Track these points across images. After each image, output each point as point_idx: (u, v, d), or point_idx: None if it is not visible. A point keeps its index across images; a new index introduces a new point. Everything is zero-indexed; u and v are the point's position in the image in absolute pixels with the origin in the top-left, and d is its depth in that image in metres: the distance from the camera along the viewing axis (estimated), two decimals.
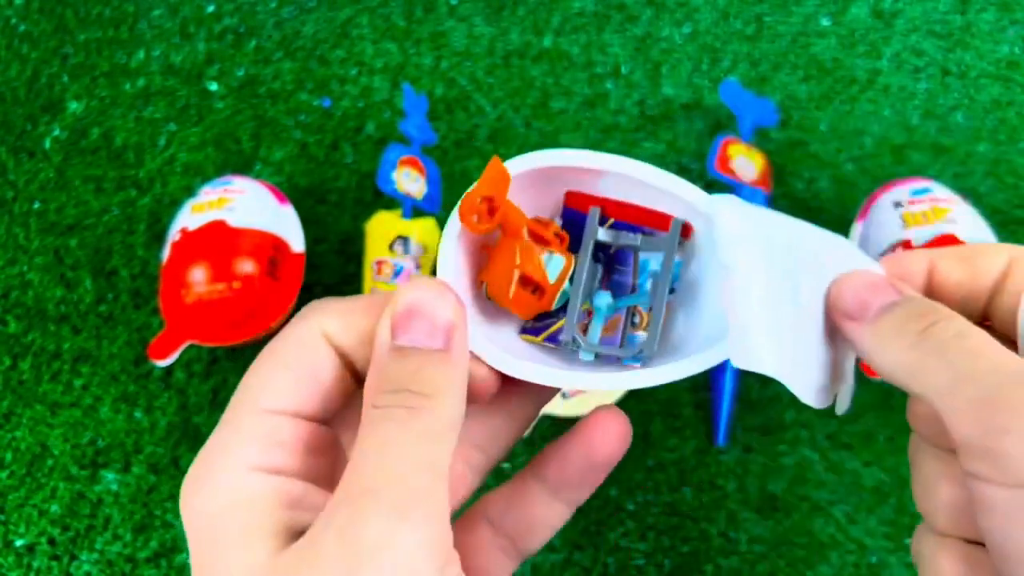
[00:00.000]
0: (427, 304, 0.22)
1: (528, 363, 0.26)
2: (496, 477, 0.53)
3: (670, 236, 0.28)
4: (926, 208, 0.51)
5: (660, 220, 0.29)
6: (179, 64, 0.67)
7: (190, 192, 0.61)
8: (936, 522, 0.24)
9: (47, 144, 0.64)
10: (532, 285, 0.28)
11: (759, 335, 0.25)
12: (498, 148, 0.62)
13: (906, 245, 0.49)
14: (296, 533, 0.21)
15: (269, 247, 0.53)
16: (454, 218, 0.27)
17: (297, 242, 0.55)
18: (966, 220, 0.50)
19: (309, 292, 0.58)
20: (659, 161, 0.61)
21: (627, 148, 0.61)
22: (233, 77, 0.66)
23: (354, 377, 0.24)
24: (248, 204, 0.54)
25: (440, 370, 0.22)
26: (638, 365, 0.28)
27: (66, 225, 0.61)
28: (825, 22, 0.66)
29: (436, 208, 0.57)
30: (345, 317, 0.23)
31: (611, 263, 0.30)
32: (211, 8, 0.69)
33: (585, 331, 0.29)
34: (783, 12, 0.66)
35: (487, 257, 0.29)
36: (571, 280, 0.29)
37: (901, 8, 0.66)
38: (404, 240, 0.55)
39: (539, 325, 0.30)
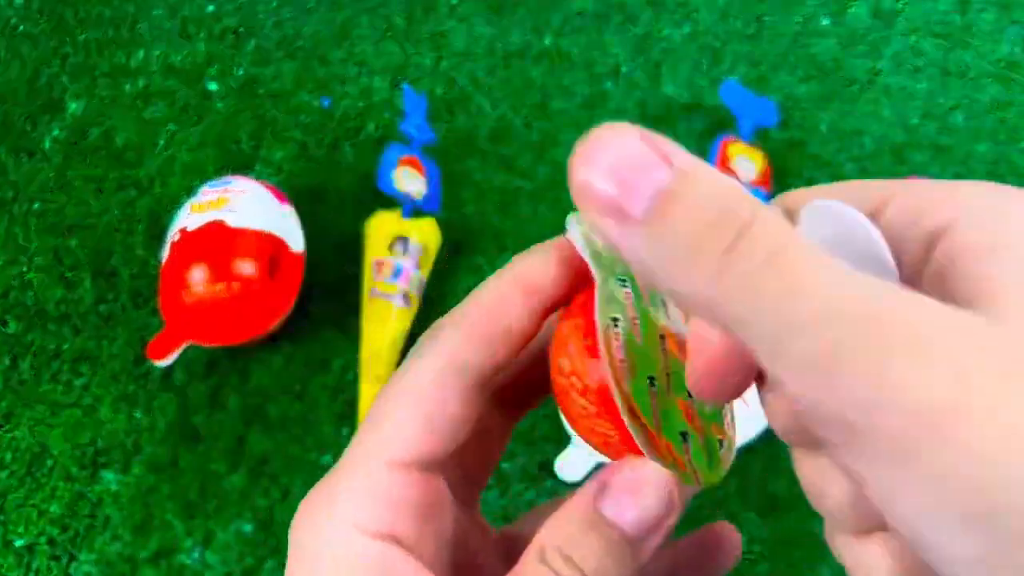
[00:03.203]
0: (644, 485, 0.20)
1: None
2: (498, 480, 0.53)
3: None
4: None
5: None
6: (179, 64, 0.67)
7: (190, 192, 0.61)
8: (844, 525, 0.19)
9: (47, 144, 0.64)
10: None
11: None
12: (498, 148, 0.62)
13: None
14: None
15: (268, 247, 0.53)
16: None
17: (297, 242, 0.55)
18: None
19: (309, 292, 0.58)
20: None
21: None
22: (233, 77, 0.66)
23: (483, 396, 0.22)
24: (248, 204, 0.54)
25: (623, 561, 0.20)
26: None
27: (66, 225, 0.61)
28: (825, 22, 0.66)
29: (436, 208, 0.57)
30: (472, 334, 0.21)
31: None
32: (211, 8, 0.69)
33: None
34: (783, 12, 0.66)
35: None
36: None
37: (901, 8, 0.66)
38: (404, 240, 0.55)
39: None
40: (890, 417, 0.14)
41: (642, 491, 0.19)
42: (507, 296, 0.21)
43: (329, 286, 0.58)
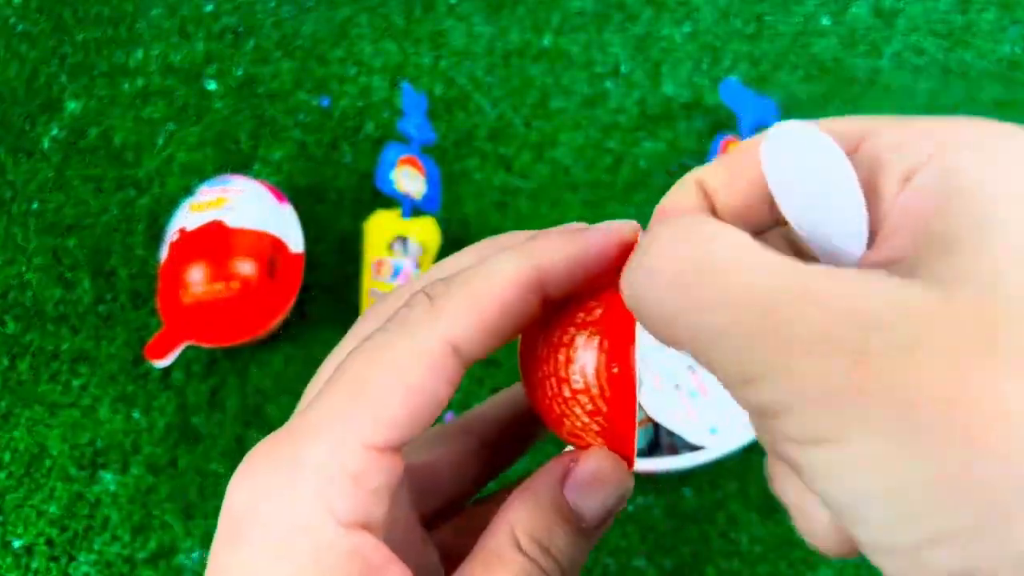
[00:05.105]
0: (609, 481, 0.20)
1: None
2: None
3: None
4: None
5: None
6: (178, 64, 0.66)
7: (189, 192, 0.61)
8: (831, 548, 0.19)
9: (45, 144, 0.64)
10: None
11: None
12: (498, 147, 0.62)
13: None
14: None
15: (268, 247, 0.53)
16: None
17: (296, 242, 0.55)
18: None
19: (308, 292, 0.58)
20: (660, 160, 0.61)
21: (627, 147, 0.61)
22: (232, 77, 0.66)
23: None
24: (246, 204, 0.54)
25: (582, 550, 0.20)
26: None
27: (65, 225, 0.61)
28: (826, 21, 0.65)
29: (435, 208, 0.57)
30: (478, 321, 0.19)
31: None
32: (210, 7, 0.68)
33: None
34: (783, 11, 0.66)
35: None
36: None
37: (902, 7, 0.66)
38: (403, 240, 0.54)
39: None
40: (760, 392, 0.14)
41: (606, 485, 0.20)
42: (522, 282, 0.19)
43: (328, 286, 0.58)
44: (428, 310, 0.19)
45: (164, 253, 0.54)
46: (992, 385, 0.12)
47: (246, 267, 0.52)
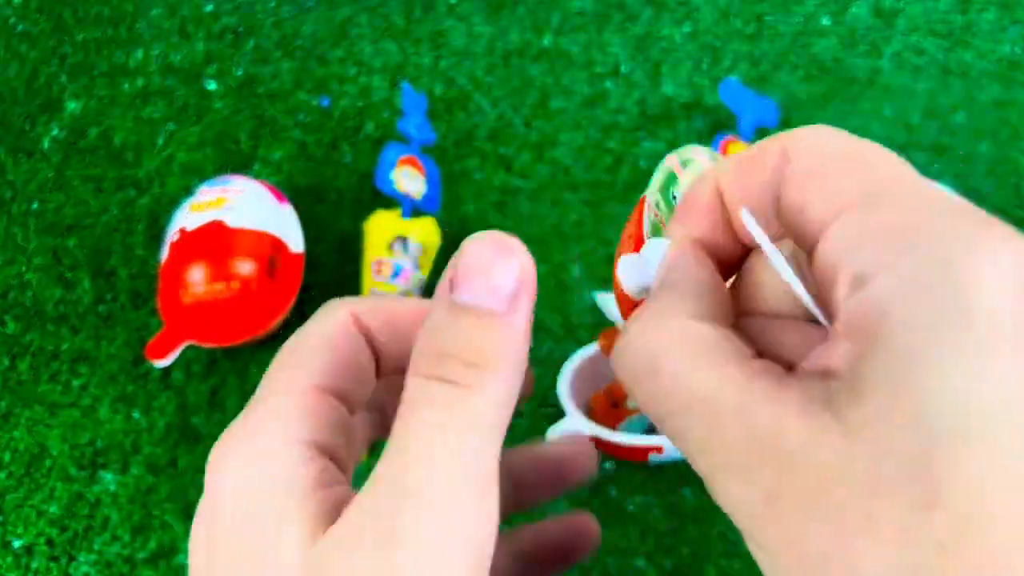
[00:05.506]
0: (491, 260, 0.19)
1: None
2: None
3: None
4: None
5: None
6: (178, 64, 0.66)
7: (189, 192, 0.61)
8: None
9: (45, 144, 0.64)
10: (614, 400, 0.49)
11: None
12: (497, 147, 0.62)
13: None
14: (328, 514, 0.19)
15: (268, 247, 0.53)
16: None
17: (296, 242, 0.55)
18: None
19: (308, 292, 0.58)
20: (659, 160, 0.61)
21: (627, 147, 0.61)
22: (232, 77, 0.66)
23: (378, 366, 0.23)
24: (247, 204, 0.54)
25: (496, 336, 0.18)
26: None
27: (65, 225, 0.61)
28: (826, 21, 0.65)
29: (435, 208, 0.57)
30: (375, 302, 0.23)
31: None
32: (210, 8, 0.68)
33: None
34: (784, 11, 0.66)
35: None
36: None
37: (902, 7, 0.66)
38: (403, 240, 0.54)
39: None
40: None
41: (492, 268, 0.18)
42: (342, 321, 0.23)
43: (328, 286, 0.58)
44: (335, 301, 0.23)
45: (164, 253, 0.54)
46: (852, 556, 0.14)
47: (246, 267, 0.52)
